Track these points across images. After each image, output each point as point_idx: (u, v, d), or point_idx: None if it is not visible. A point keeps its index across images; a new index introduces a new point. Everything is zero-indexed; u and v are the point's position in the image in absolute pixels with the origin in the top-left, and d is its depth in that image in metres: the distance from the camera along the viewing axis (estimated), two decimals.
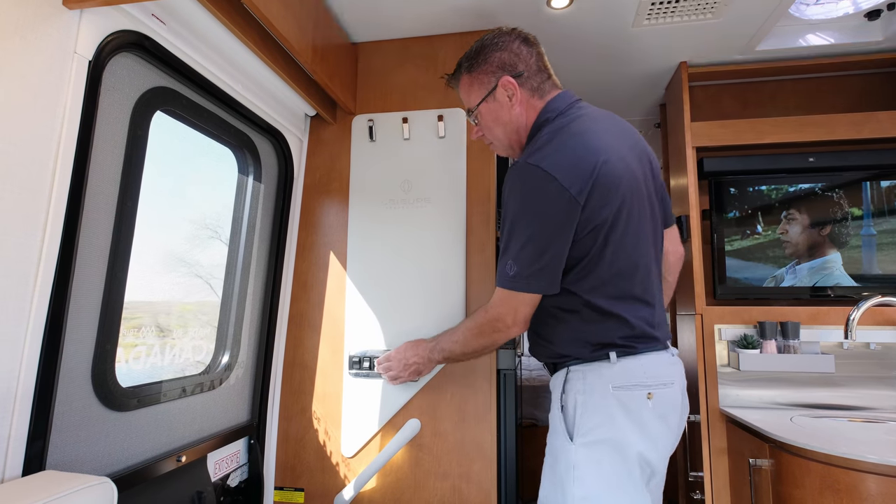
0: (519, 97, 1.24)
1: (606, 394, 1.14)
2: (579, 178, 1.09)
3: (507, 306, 1.20)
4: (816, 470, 1.37)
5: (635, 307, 1.18)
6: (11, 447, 0.90)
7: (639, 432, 1.13)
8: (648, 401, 1.15)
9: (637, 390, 1.15)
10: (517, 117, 1.26)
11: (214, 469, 1.48)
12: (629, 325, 1.17)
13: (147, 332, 1.54)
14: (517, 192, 1.14)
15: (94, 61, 1.03)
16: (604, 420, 1.13)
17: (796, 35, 1.97)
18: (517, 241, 1.14)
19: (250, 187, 1.68)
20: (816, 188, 2.04)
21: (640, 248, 1.19)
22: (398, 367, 1.53)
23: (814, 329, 1.87)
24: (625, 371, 1.15)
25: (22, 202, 0.92)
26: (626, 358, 1.16)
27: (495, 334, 1.26)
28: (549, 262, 1.13)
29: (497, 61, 1.25)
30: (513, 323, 1.21)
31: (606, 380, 1.15)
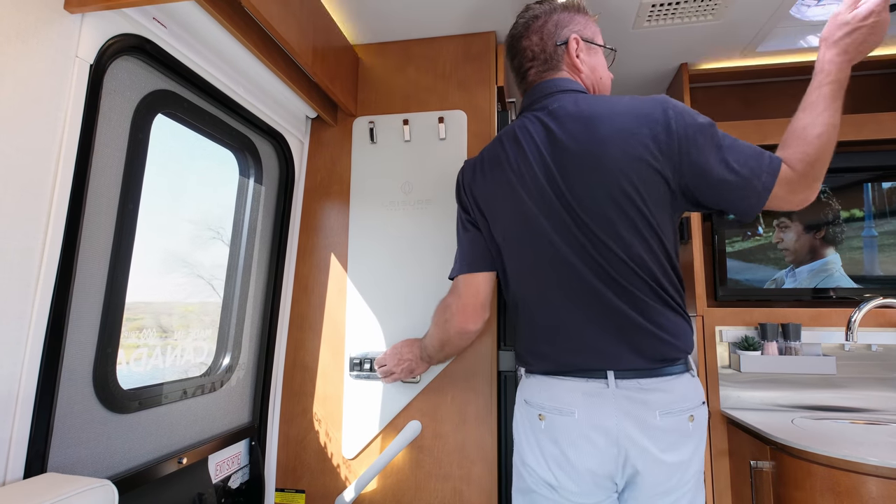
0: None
1: (520, 407, 1.20)
2: (472, 165, 1.28)
3: (451, 291, 1.35)
4: (818, 472, 1.36)
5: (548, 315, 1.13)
6: (13, 449, 0.90)
7: (538, 451, 1.11)
8: (541, 422, 1.10)
9: (534, 409, 1.13)
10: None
11: (215, 471, 1.49)
12: (538, 336, 1.15)
13: (149, 333, 1.55)
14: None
15: (95, 65, 1.04)
16: (519, 431, 1.19)
17: (798, 36, 1.96)
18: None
19: (251, 189, 1.68)
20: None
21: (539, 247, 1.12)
22: (392, 361, 1.56)
23: (815, 331, 1.87)
24: (528, 387, 1.18)
25: (23, 205, 0.92)
26: (532, 376, 1.19)
27: (447, 323, 1.33)
28: (459, 251, 1.31)
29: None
30: (457, 309, 1.30)
31: (522, 392, 1.21)
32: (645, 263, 1.05)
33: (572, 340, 1.09)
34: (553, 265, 1.10)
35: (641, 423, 1.02)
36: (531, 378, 1.18)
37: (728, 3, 1.66)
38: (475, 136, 1.77)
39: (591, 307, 1.07)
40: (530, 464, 1.13)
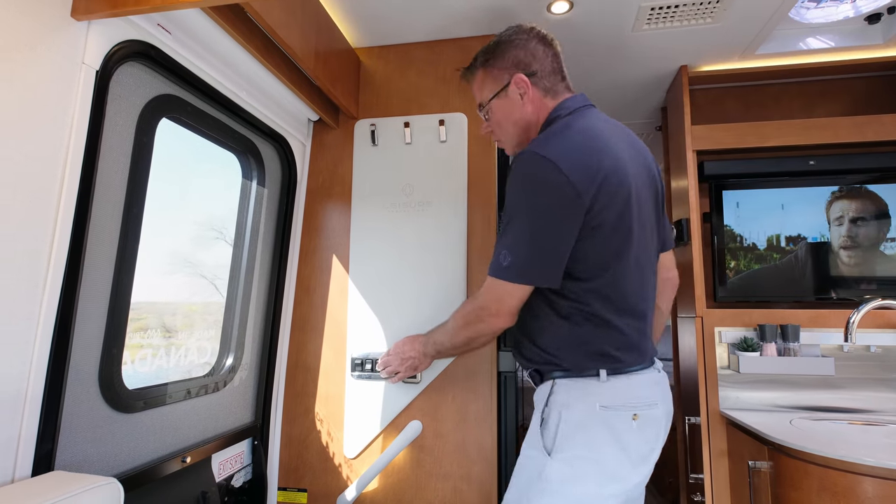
0: (531, 95, 1.23)
1: (592, 413, 1.10)
2: (585, 175, 1.06)
3: (493, 295, 1.17)
4: (814, 472, 1.37)
5: (629, 319, 1.15)
6: (21, 448, 0.93)
7: (621, 455, 1.10)
8: (633, 422, 1.11)
9: (623, 410, 1.11)
10: (528, 116, 1.25)
11: (219, 470, 1.51)
12: (624, 338, 1.14)
13: (153, 332, 1.57)
14: (520, 181, 1.11)
15: (101, 71, 1.06)
16: (587, 440, 1.09)
17: (797, 38, 1.97)
18: (515, 230, 1.11)
19: (254, 192, 1.70)
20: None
21: (640, 258, 1.17)
22: (395, 361, 1.54)
23: (814, 332, 1.88)
24: (613, 390, 1.12)
25: (32, 209, 0.94)
26: (615, 377, 1.13)
27: (480, 324, 1.22)
28: (546, 254, 1.10)
29: (512, 58, 1.24)
30: (496, 312, 1.17)
31: (594, 398, 1.11)
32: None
33: (648, 329, 1.22)
34: (636, 264, 1.18)
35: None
36: (614, 380, 1.13)
37: (727, 6, 1.67)
38: (476, 138, 1.78)
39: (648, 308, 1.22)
40: (620, 475, 1.09)
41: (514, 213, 1.11)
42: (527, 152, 1.10)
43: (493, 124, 1.32)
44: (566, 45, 1.92)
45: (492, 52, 1.27)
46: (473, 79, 1.33)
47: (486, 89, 1.29)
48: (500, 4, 1.67)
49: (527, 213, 1.09)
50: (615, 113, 2.65)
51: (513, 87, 1.23)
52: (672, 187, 2.37)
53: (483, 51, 1.30)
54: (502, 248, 1.13)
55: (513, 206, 1.12)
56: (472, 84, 1.35)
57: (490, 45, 1.29)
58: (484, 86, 1.29)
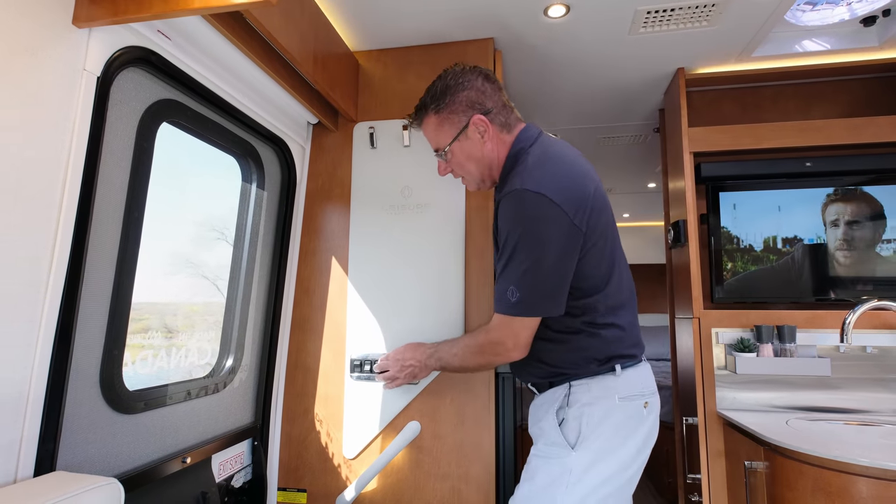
0: (490, 133, 1.27)
1: (613, 405, 1.19)
2: (578, 203, 1.14)
3: (507, 330, 1.22)
4: (809, 472, 1.38)
5: (625, 314, 1.25)
6: (23, 448, 0.94)
7: (640, 442, 1.20)
8: (644, 409, 1.22)
9: (638, 399, 1.21)
10: (489, 153, 1.29)
11: (219, 470, 1.52)
12: (627, 333, 1.24)
13: (154, 333, 1.58)
14: (517, 218, 1.15)
15: (102, 77, 1.07)
16: (610, 431, 1.18)
17: (793, 41, 1.98)
18: (518, 266, 1.15)
19: (254, 194, 1.71)
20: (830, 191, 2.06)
21: (620, 256, 1.28)
22: (395, 367, 1.54)
23: (811, 333, 1.89)
24: (628, 381, 1.21)
25: (33, 213, 0.96)
26: (629, 369, 1.22)
27: (495, 357, 1.28)
28: (553, 286, 1.15)
29: (465, 100, 1.27)
30: (513, 347, 1.22)
31: (612, 391, 1.20)
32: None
33: (635, 328, 1.30)
34: (623, 271, 1.29)
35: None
36: (628, 371, 1.23)
37: (723, 9, 1.69)
38: None
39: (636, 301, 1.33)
40: (634, 459, 1.20)
41: (515, 249, 1.15)
42: (517, 190, 1.15)
43: (453, 165, 1.35)
44: (563, 48, 1.95)
45: (442, 97, 1.29)
46: (425, 125, 1.35)
47: (444, 134, 1.31)
48: (497, 9, 1.68)
49: (529, 249, 1.14)
50: (613, 116, 2.67)
51: (472, 127, 1.27)
52: (669, 189, 2.38)
53: (431, 97, 1.31)
54: (508, 284, 1.17)
55: (513, 243, 1.15)
56: (424, 130, 1.36)
57: (437, 90, 1.30)
58: (440, 130, 1.31)
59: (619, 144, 3.05)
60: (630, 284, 1.31)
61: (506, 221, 1.17)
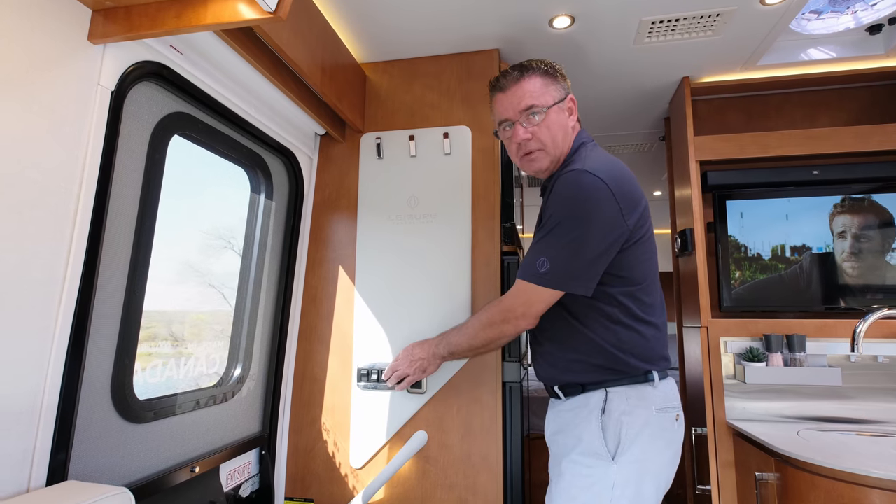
0: (574, 118, 1.35)
1: (650, 417, 1.19)
2: (630, 199, 1.18)
3: (522, 298, 1.24)
4: (821, 484, 1.37)
5: (660, 314, 1.29)
6: (37, 458, 0.95)
7: (672, 455, 1.21)
8: (676, 422, 1.23)
9: (671, 412, 1.22)
10: (568, 135, 1.33)
11: (227, 479, 1.52)
12: (662, 334, 1.27)
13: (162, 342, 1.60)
14: (571, 195, 1.17)
15: (116, 91, 1.10)
16: (647, 442, 1.18)
17: (798, 49, 1.99)
18: (558, 239, 1.17)
19: (262, 205, 1.73)
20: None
21: (657, 269, 1.31)
22: (405, 363, 1.54)
23: (820, 342, 1.87)
24: (664, 393, 1.22)
25: (49, 225, 0.98)
26: (664, 381, 1.24)
27: (504, 325, 1.29)
28: (587, 266, 1.17)
29: (564, 81, 1.35)
30: (522, 315, 1.25)
31: (650, 402, 1.20)
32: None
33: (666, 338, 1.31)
34: (658, 280, 1.31)
35: None
36: (664, 383, 1.24)
37: (728, 19, 1.69)
38: (480, 151, 1.81)
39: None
40: (669, 472, 1.22)
41: (559, 224, 1.18)
42: (578, 170, 1.18)
43: (541, 130, 1.29)
44: (568, 59, 1.96)
45: (550, 67, 1.34)
46: (528, 79, 1.31)
47: (549, 94, 1.31)
48: (503, 20, 1.70)
49: (572, 226, 1.16)
50: (619, 124, 2.67)
51: (569, 102, 1.34)
52: (675, 197, 2.38)
53: (538, 61, 1.34)
54: (540, 254, 1.20)
55: (559, 218, 1.18)
56: (524, 83, 1.30)
57: (543, 62, 1.35)
58: (547, 90, 1.31)
59: (625, 153, 3.06)
60: (662, 295, 1.33)
61: (558, 197, 1.19)
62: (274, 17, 0.99)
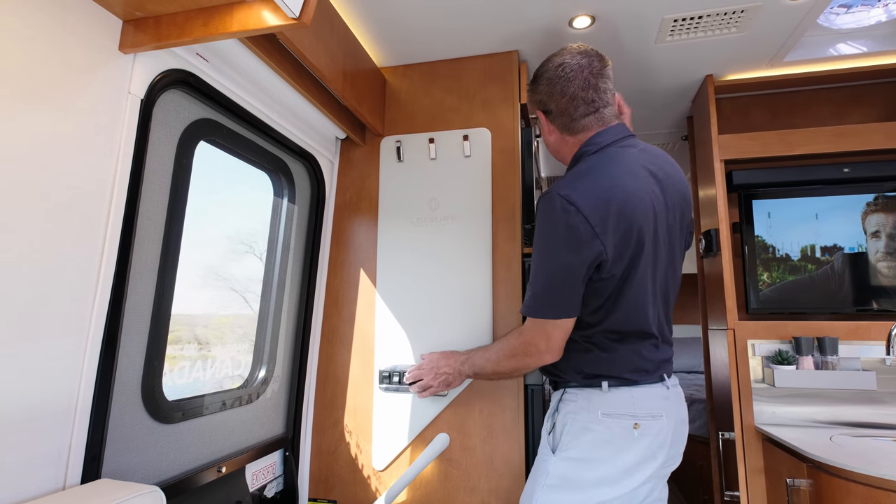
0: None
1: (594, 419, 1.19)
2: (605, 217, 1.12)
3: (540, 331, 1.23)
4: (857, 492, 1.32)
5: (632, 342, 1.22)
6: (72, 457, 0.98)
7: (618, 460, 1.16)
8: (634, 430, 1.18)
9: (625, 419, 1.18)
10: (553, 143, 1.36)
11: (252, 480, 1.55)
12: (621, 358, 1.21)
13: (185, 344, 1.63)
14: (545, 221, 1.18)
15: (145, 99, 1.12)
16: (587, 442, 1.18)
17: (827, 45, 1.94)
18: (538, 267, 1.19)
19: (285, 209, 1.76)
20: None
21: (656, 281, 1.22)
22: (429, 375, 1.55)
23: (853, 345, 1.82)
24: (614, 400, 1.20)
25: (82, 231, 1.00)
26: (616, 388, 1.21)
27: (528, 358, 1.28)
28: (565, 291, 1.16)
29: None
30: (546, 349, 1.23)
31: (596, 405, 1.20)
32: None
33: (660, 348, 1.29)
34: (647, 301, 1.22)
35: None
36: (615, 391, 1.21)
37: (752, 15, 1.66)
38: (500, 153, 1.81)
39: (668, 324, 1.29)
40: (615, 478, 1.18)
41: (538, 251, 1.19)
42: (550, 194, 1.17)
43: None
44: None
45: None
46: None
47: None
48: (522, 22, 1.70)
49: (548, 253, 1.17)
50: (640, 124, 2.64)
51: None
52: (699, 197, 2.33)
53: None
54: (532, 286, 1.21)
55: (537, 244, 1.19)
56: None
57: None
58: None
59: None
60: (658, 317, 1.24)
61: (537, 223, 1.22)
62: (298, 24, 1.00)
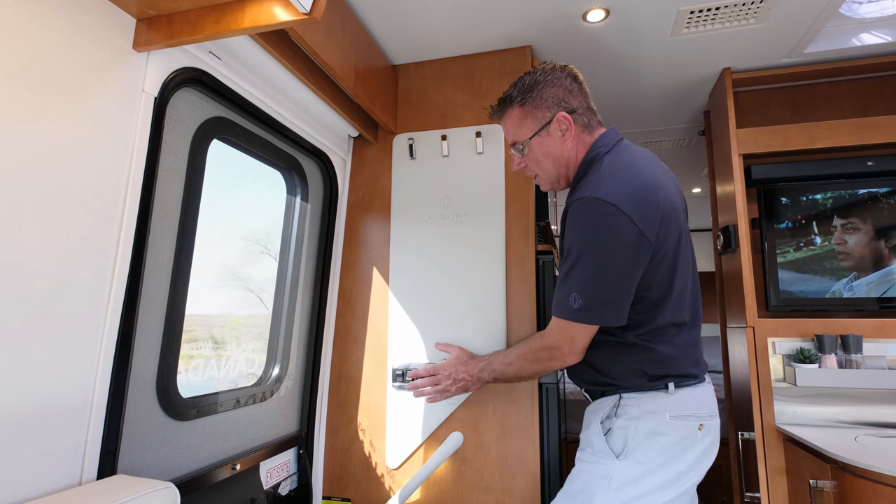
0: (572, 133, 1.26)
1: (662, 422, 1.17)
2: (648, 214, 1.11)
3: (564, 335, 1.21)
4: (885, 493, 1.28)
5: (685, 334, 1.22)
6: (88, 453, 0.98)
7: (688, 464, 1.16)
8: (699, 431, 1.18)
9: (691, 420, 1.17)
10: (568, 153, 1.28)
11: (266, 477, 1.55)
12: (683, 353, 1.21)
13: (202, 343, 1.64)
14: (585, 225, 1.13)
15: (159, 97, 1.13)
16: (657, 448, 1.15)
17: (849, 35, 1.88)
18: (583, 272, 1.14)
19: (298, 207, 1.76)
20: (879, 193, 1.93)
21: (688, 274, 1.24)
22: (447, 380, 1.51)
23: (879, 343, 1.76)
24: (681, 401, 1.18)
25: (97, 228, 1.01)
26: (682, 389, 1.19)
27: (551, 362, 1.27)
28: (617, 296, 1.14)
29: (552, 96, 1.26)
30: (569, 352, 1.22)
31: (664, 408, 1.18)
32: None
33: (695, 349, 1.27)
34: (689, 287, 1.25)
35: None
36: (681, 391, 1.20)
37: (771, 5, 1.62)
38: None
39: (699, 320, 1.28)
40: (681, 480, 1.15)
41: (581, 256, 1.14)
42: (589, 197, 1.13)
43: (529, 161, 1.33)
44: (602, 53, 1.92)
45: (530, 91, 1.28)
46: (507, 117, 1.33)
47: (525, 128, 1.29)
48: (535, 17, 1.68)
49: (595, 257, 1.13)
50: (655, 120, 2.60)
51: (555, 124, 1.26)
52: (717, 193, 2.29)
53: (518, 90, 1.30)
54: (571, 290, 1.17)
55: (579, 250, 1.14)
56: (504, 122, 1.35)
57: (525, 83, 1.29)
58: (522, 124, 1.30)
59: (662, 149, 2.97)
60: (696, 301, 1.26)
61: (573, 228, 1.16)
62: (309, 19, 1.00)
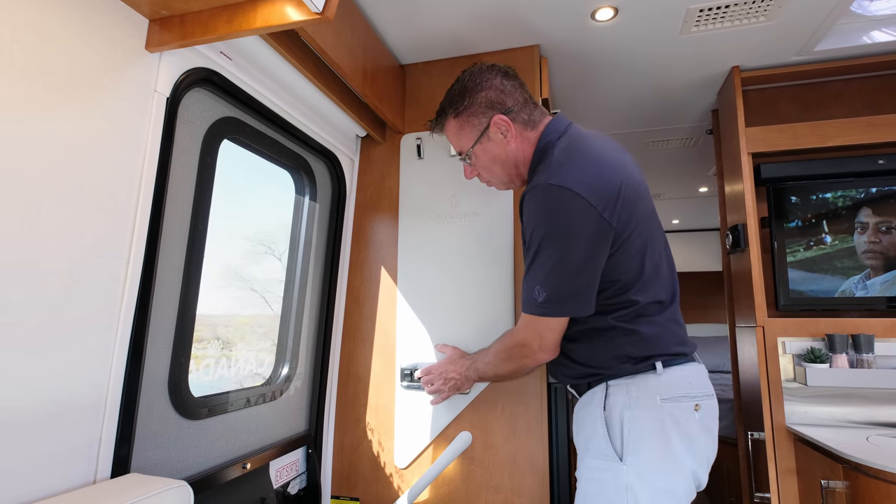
0: (513, 133, 1.23)
1: (655, 406, 1.10)
2: (606, 195, 1.07)
3: (532, 331, 1.18)
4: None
5: (666, 312, 1.17)
6: (102, 451, 0.99)
7: (690, 448, 1.10)
8: (696, 412, 1.11)
9: (685, 402, 1.11)
10: (514, 152, 1.25)
11: (276, 476, 1.55)
12: (666, 331, 1.15)
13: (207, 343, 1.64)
14: (542, 213, 1.09)
15: (171, 98, 1.13)
16: (656, 436, 1.09)
17: (860, 32, 1.87)
18: (544, 263, 1.10)
19: (306, 207, 1.76)
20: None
21: (661, 254, 1.19)
22: (439, 380, 1.56)
23: (890, 342, 1.75)
24: (672, 381, 1.12)
25: (111, 228, 1.02)
26: (671, 368, 1.13)
27: (524, 360, 1.24)
28: (581, 284, 1.09)
29: (484, 101, 1.23)
30: (539, 349, 1.19)
31: (653, 392, 1.11)
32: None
33: (678, 325, 1.21)
34: (663, 266, 1.20)
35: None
36: (671, 370, 1.13)
37: (781, 3, 1.61)
38: None
39: (677, 296, 1.22)
40: (689, 467, 1.09)
41: (541, 246, 1.10)
42: (542, 184, 1.09)
43: (478, 168, 1.32)
44: (611, 52, 1.92)
45: (461, 100, 1.26)
46: (446, 129, 1.33)
47: (465, 137, 1.28)
48: (543, 16, 1.67)
49: (555, 246, 1.08)
50: (663, 119, 2.59)
51: (493, 128, 1.23)
52: (726, 192, 2.28)
53: (450, 100, 1.29)
54: (534, 283, 1.12)
55: (538, 240, 1.10)
56: (446, 134, 1.35)
57: (455, 92, 1.28)
58: (461, 134, 1.29)
59: (670, 148, 2.96)
60: (672, 281, 1.21)
61: (530, 217, 1.12)
62: (321, 18, 1.00)
